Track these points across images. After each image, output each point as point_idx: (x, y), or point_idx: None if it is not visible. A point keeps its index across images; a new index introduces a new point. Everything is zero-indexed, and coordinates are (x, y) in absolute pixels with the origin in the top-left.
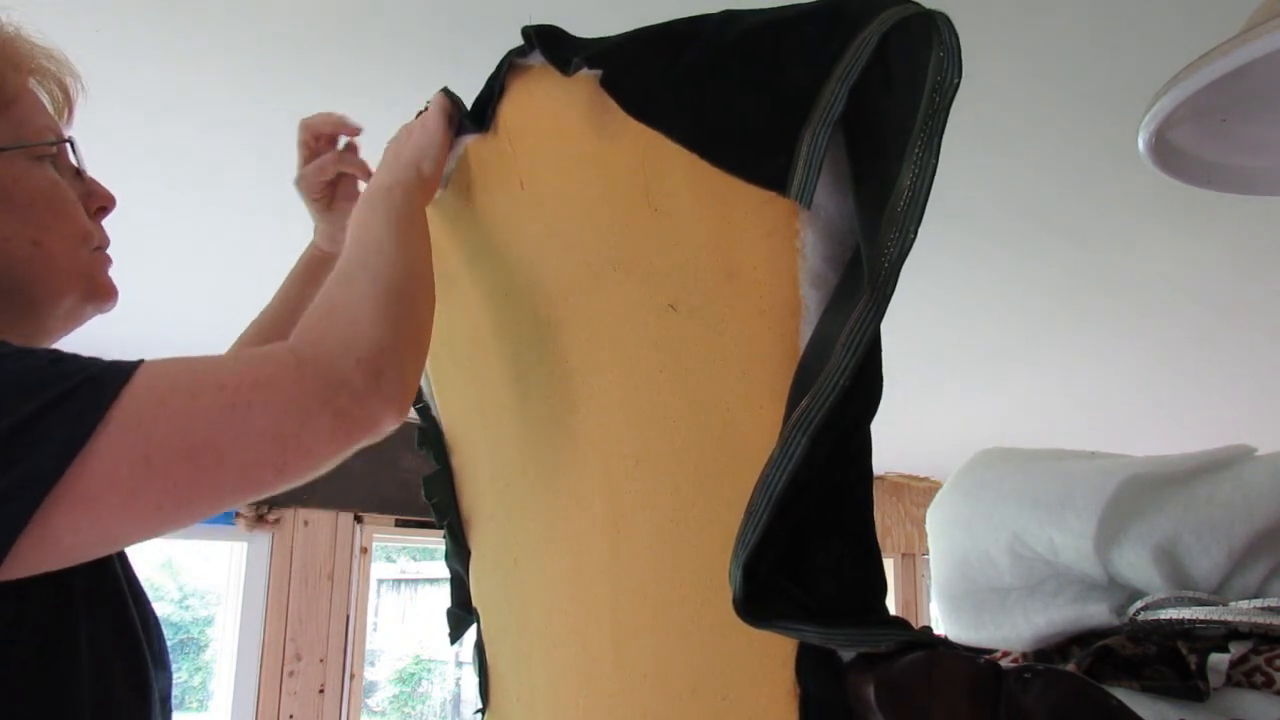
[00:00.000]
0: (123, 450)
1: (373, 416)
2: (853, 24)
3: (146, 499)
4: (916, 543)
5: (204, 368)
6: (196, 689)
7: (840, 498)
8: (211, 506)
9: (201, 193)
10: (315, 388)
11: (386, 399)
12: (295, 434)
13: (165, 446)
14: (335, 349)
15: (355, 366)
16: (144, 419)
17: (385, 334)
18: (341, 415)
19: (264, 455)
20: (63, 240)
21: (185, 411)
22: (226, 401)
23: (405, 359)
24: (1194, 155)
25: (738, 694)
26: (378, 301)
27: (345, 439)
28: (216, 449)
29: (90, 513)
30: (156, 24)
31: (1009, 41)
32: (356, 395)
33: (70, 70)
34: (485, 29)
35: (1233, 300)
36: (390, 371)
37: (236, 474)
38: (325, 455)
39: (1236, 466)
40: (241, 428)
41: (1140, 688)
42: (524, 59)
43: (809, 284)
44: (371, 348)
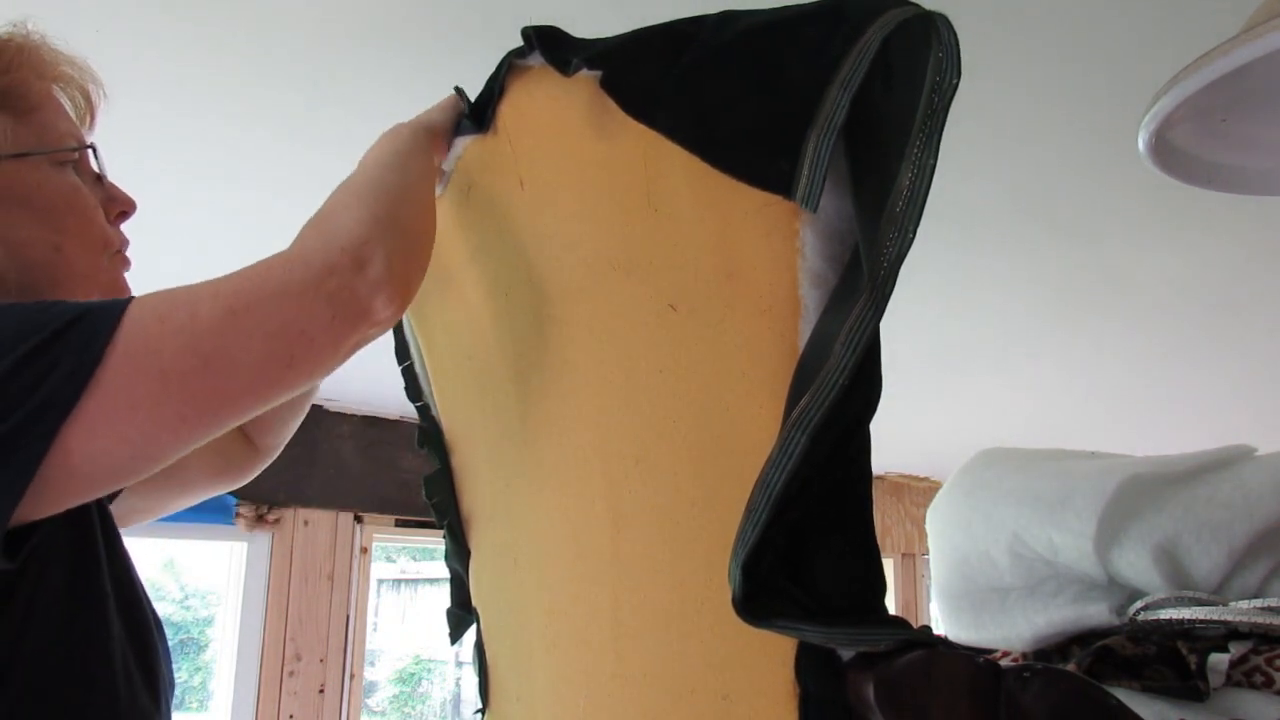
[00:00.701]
0: (136, 368)
1: (363, 299)
2: (854, 26)
3: (169, 411)
4: (916, 543)
5: (196, 287)
6: (196, 689)
7: (840, 497)
8: (234, 412)
9: (217, 185)
10: (303, 277)
11: (374, 282)
12: (296, 325)
13: (178, 359)
14: (319, 243)
15: (339, 254)
16: (150, 337)
17: (367, 226)
18: (333, 299)
19: (272, 351)
20: (83, 245)
21: (189, 324)
22: (224, 307)
23: (391, 248)
24: (1194, 155)
25: (737, 693)
26: (366, 203)
27: (343, 323)
28: (227, 353)
29: (116, 431)
30: (168, 14)
31: (1009, 42)
32: (344, 279)
33: (92, 77)
34: (486, 29)
35: (1233, 300)
36: (375, 257)
37: (251, 374)
38: (328, 344)
39: (1236, 466)
40: (245, 328)
41: (1140, 688)
42: (524, 60)
43: (809, 284)
44: (353, 238)
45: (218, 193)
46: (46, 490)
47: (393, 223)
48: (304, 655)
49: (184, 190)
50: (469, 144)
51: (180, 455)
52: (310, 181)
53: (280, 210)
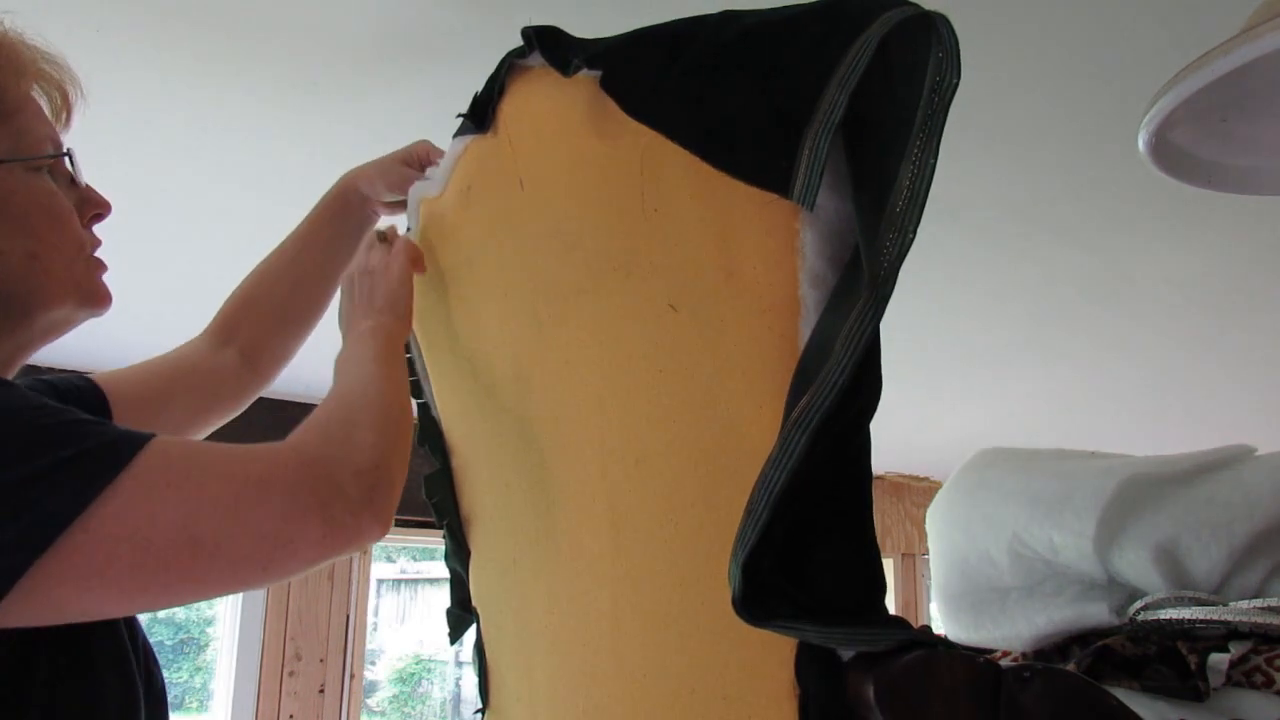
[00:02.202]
0: (125, 525)
1: (360, 529)
2: (853, 26)
3: (137, 579)
4: (916, 543)
5: (213, 457)
6: (197, 689)
7: (840, 497)
8: (193, 596)
9: (206, 197)
10: (313, 493)
11: (375, 514)
12: (288, 535)
13: (167, 531)
14: (335, 457)
15: (353, 478)
16: (151, 499)
17: (380, 453)
18: (332, 523)
19: (256, 552)
20: (58, 252)
21: (192, 499)
22: (231, 495)
23: (394, 478)
24: (1194, 155)
25: (737, 693)
26: (373, 424)
27: (329, 547)
28: (214, 541)
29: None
30: (156, 25)
31: (1008, 42)
32: (350, 506)
33: (70, 76)
34: (485, 30)
35: (1233, 300)
36: (382, 488)
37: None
38: (307, 561)
39: (1236, 466)
40: (241, 523)
41: (1140, 688)
42: (524, 60)
43: (809, 284)
44: (367, 463)
45: (213, 192)
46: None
47: (397, 450)
48: (304, 655)
49: (182, 190)
50: (469, 144)
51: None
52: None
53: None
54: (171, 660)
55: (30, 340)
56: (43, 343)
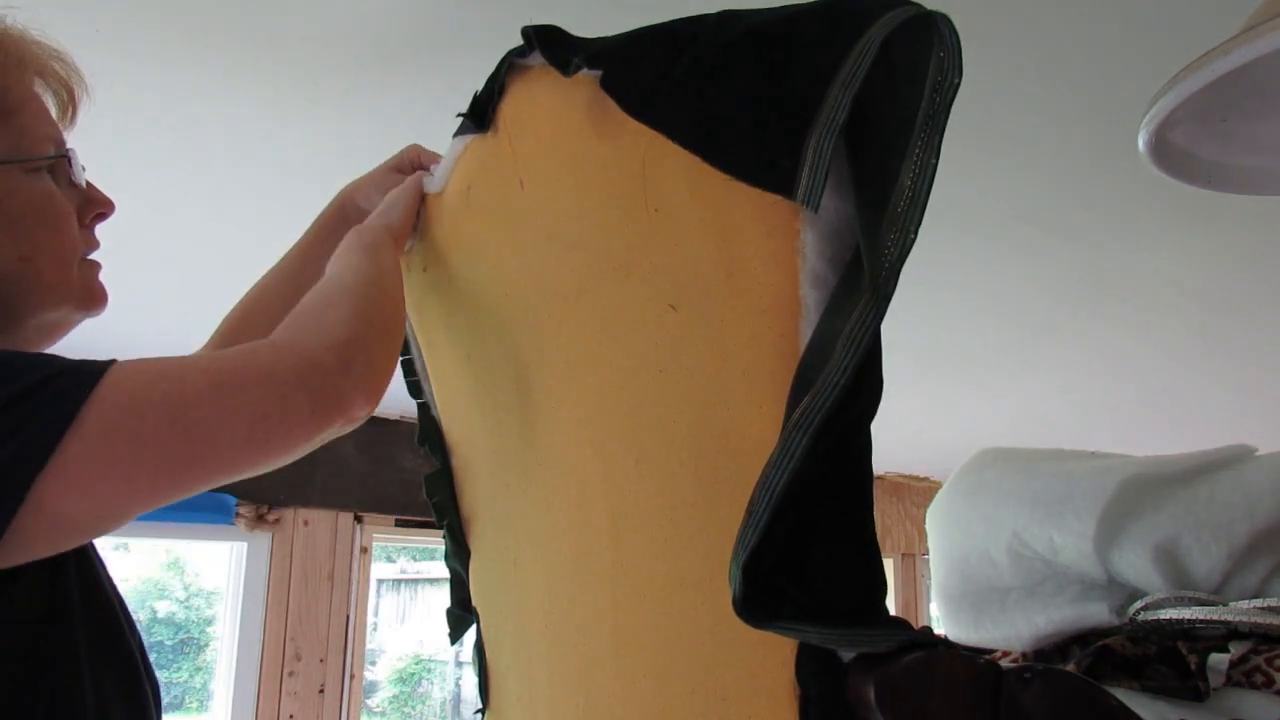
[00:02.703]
0: (115, 427)
1: (344, 397)
2: (855, 26)
3: (142, 474)
4: (916, 543)
5: (185, 358)
6: (197, 689)
7: (841, 498)
8: (202, 483)
9: (206, 193)
10: (290, 367)
11: (356, 381)
12: (277, 410)
13: (159, 427)
14: (307, 337)
15: (325, 351)
16: (132, 399)
17: (352, 327)
18: (316, 393)
19: (250, 431)
20: (52, 257)
21: (175, 393)
22: (212, 383)
23: (373, 350)
24: (1194, 155)
25: (737, 694)
26: (347, 304)
27: (322, 417)
28: (208, 428)
29: (88, 488)
30: (160, 25)
31: (1008, 42)
32: (328, 375)
33: (76, 73)
34: (486, 31)
35: (1233, 300)
36: (359, 357)
37: (227, 451)
38: (303, 434)
39: (1236, 466)
40: (230, 406)
41: (1140, 688)
42: (524, 59)
43: (810, 284)
44: (339, 337)
45: (213, 191)
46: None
47: (374, 324)
48: (304, 655)
49: (182, 189)
50: (469, 143)
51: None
52: (304, 182)
53: (276, 208)
54: (171, 660)
55: (25, 342)
56: (40, 344)
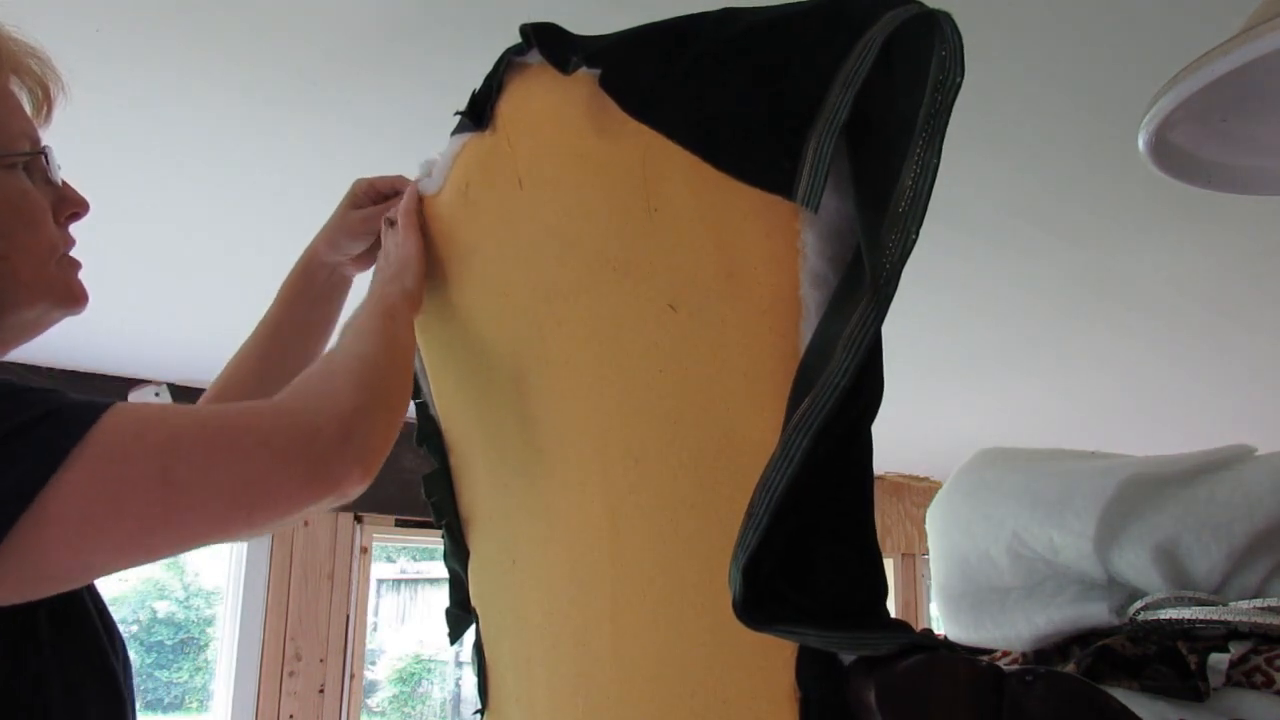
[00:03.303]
0: (99, 477)
1: (341, 471)
2: (856, 25)
3: (119, 530)
4: (916, 543)
5: (182, 410)
6: (197, 689)
7: (841, 500)
8: (179, 545)
9: (204, 192)
10: (290, 435)
11: (355, 457)
12: (268, 479)
13: (142, 481)
14: (311, 403)
15: (328, 420)
16: (122, 450)
17: (358, 399)
18: (313, 465)
19: (236, 498)
20: (28, 255)
21: (163, 447)
22: (205, 440)
23: (376, 424)
24: (1194, 155)
25: (737, 696)
26: (356, 370)
27: (314, 490)
28: (192, 488)
29: (65, 538)
30: (159, 26)
31: (1009, 42)
32: (328, 449)
33: (52, 70)
34: (485, 27)
35: (1232, 300)
36: (360, 432)
37: (208, 514)
38: (292, 506)
39: (1236, 466)
40: (218, 467)
41: (1140, 688)
42: (522, 57)
43: (810, 284)
44: (345, 408)
45: (211, 190)
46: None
47: (381, 397)
48: (304, 655)
49: (181, 188)
50: (467, 142)
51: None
52: (303, 181)
53: (275, 206)
54: (171, 660)
55: (3, 340)
56: (17, 342)
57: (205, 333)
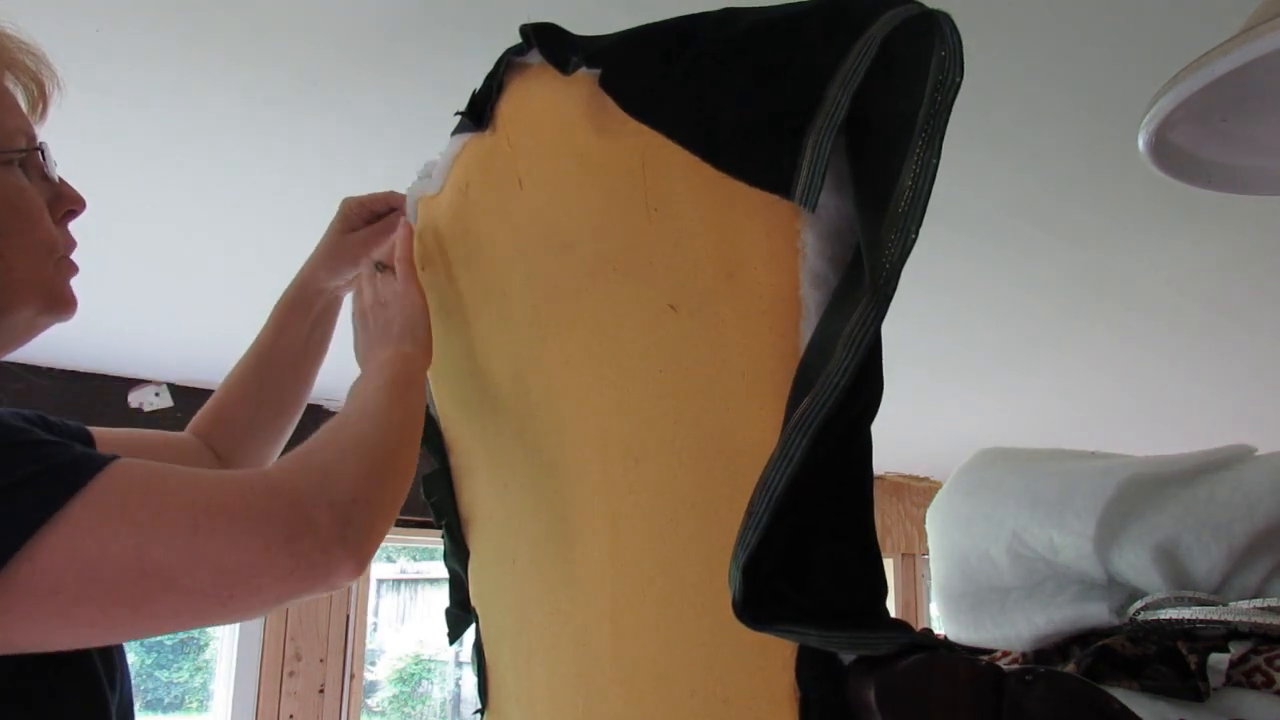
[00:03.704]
0: (72, 555)
1: (331, 566)
2: (855, 25)
3: (84, 610)
4: (916, 543)
5: (175, 482)
6: (197, 689)
7: (841, 499)
8: (145, 631)
9: (204, 193)
10: (280, 524)
11: (349, 550)
12: (250, 570)
13: (118, 561)
14: (309, 488)
15: (326, 510)
16: (103, 526)
17: (361, 484)
18: (301, 558)
19: (214, 587)
20: (24, 252)
21: (146, 527)
22: (190, 523)
23: (375, 514)
24: (1194, 155)
25: (737, 696)
26: (358, 456)
27: (298, 584)
28: (167, 573)
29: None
30: (159, 26)
31: (1008, 42)
32: (320, 541)
33: (47, 66)
34: (486, 27)
35: (1232, 300)
36: (359, 522)
37: (181, 601)
38: (274, 598)
39: (1236, 466)
40: (199, 555)
41: (1140, 688)
42: (522, 57)
43: (810, 284)
44: (345, 495)
45: (211, 189)
46: None
47: (385, 486)
48: (304, 655)
49: (180, 187)
50: (467, 142)
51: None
52: (302, 180)
53: (274, 206)
54: (171, 660)
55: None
56: (8, 348)
57: (205, 333)
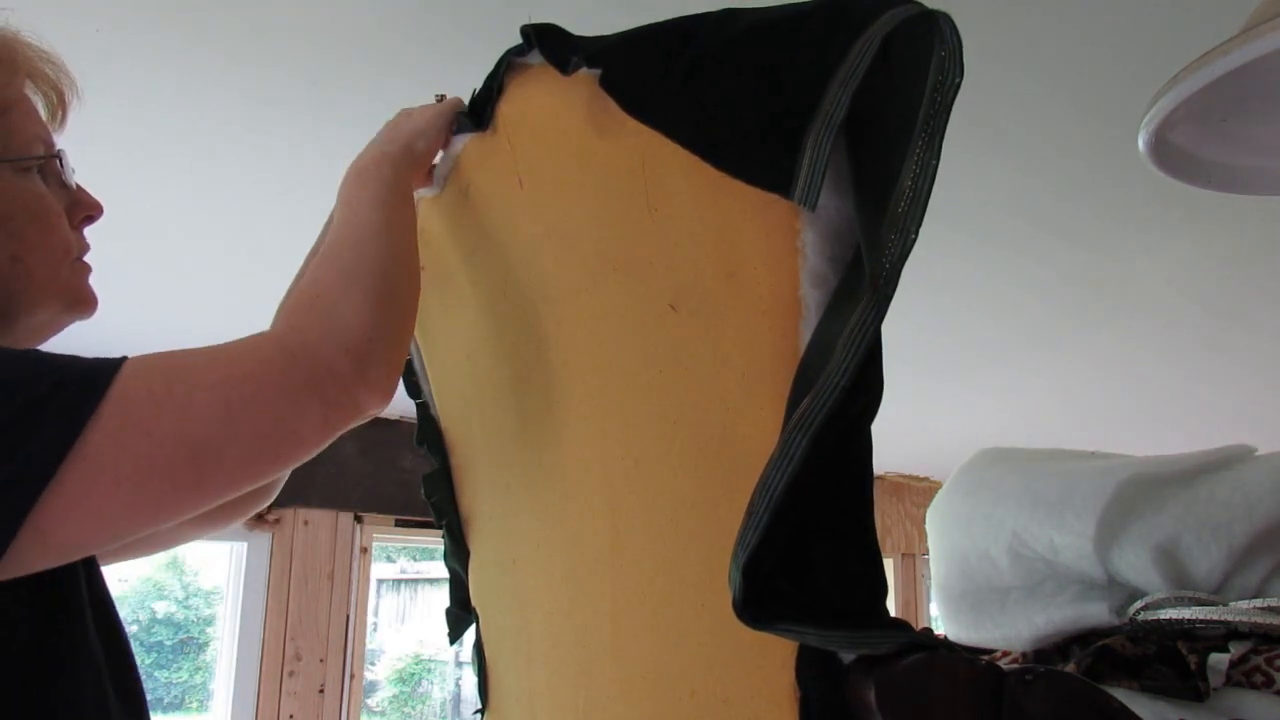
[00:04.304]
0: (122, 447)
1: (359, 402)
2: (855, 25)
3: (148, 494)
4: (916, 543)
5: (192, 365)
6: (197, 689)
7: (841, 499)
8: (211, 500)
9: (204, 193)
10: (303, 379)
11: (372, 386)
12: (288, 425)
13: (165, 445)
14: (320, 338)
15: (342, 355)
16: (141, 416)
17: (369, 322)
18: (330, 403)
19: (260, 448)
20: (43, 256)
21: (182, 410)
22: (221, 400)
23: (390, 344)
24: (1194, 155)
25: (737, 696)
26: (362, 288)
27: (335, 425)
28: (215, 446)
29: (89, 511)
30: (159, 26)
31: (1008, 42)
32: (343, 383)
33: (67, 75)
34: (486, 28)
35: (1232, 300)
36: (375, 358)
37: (235, 467)
38: (316, 441)
39: (1236, 466)
40: (237, 424)
41: (1140, 688)
42: (523, 58)
43: (810, 284)
44: (356, 337)
45: (212, 189)
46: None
47: (392, 311)
48: (304, 655)
49: (181, 187)
50: (468, 142)
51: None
52: (303, 179)
53: (276, 207)
54: (171, 660)
55: (15, 343)
56: (31, 345)
57: (205, 333)
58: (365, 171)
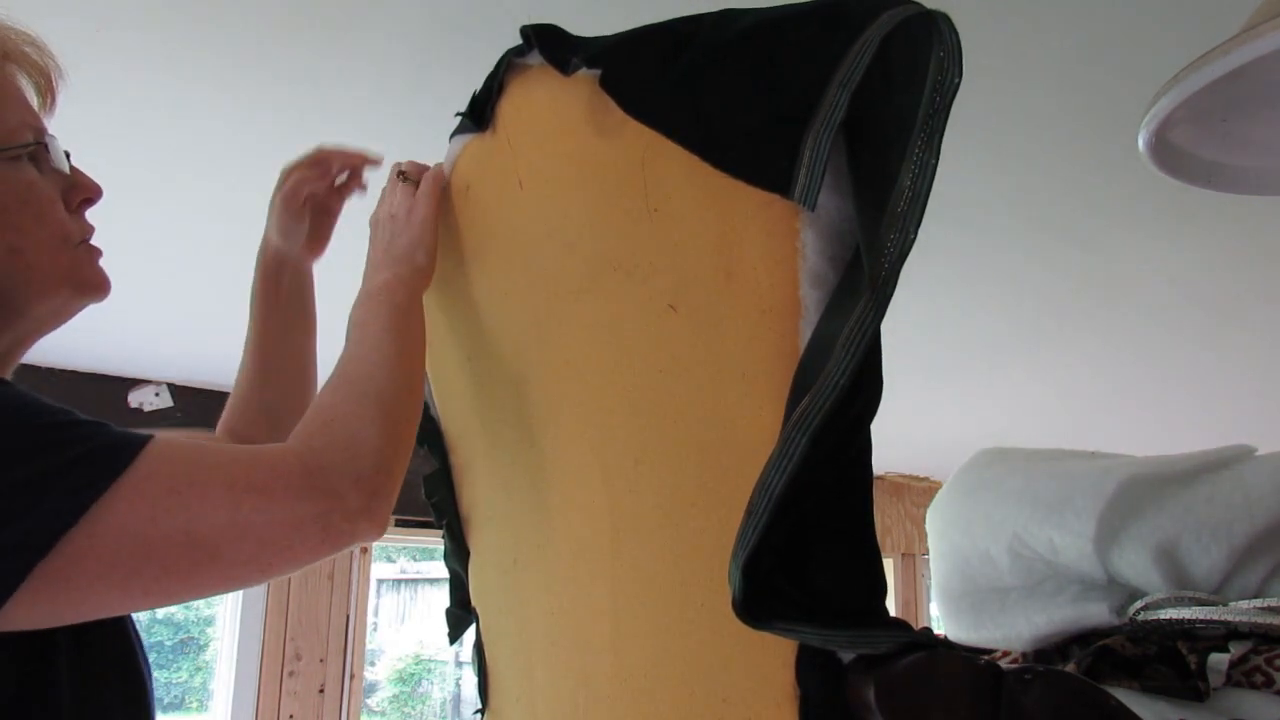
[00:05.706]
0: (127, 529)
1: (358, 532)
2: (854, 25)
3: (139, 581)
4: (916, 543)
5: (215, 461)
6: (197, 689)
7: (840, 498)
8: (193, 596)
9: (204, 195)
10: (313, 502)
11: (373, 518)
12: (287, 542)
13: (168, 536)
14: (337, 464)
15: (354, 485)
16: (153, 502)
17: (384, 454)
18: (331, 530)
19: (254, 557)
20: (41, 245)
21: (193, 505)
22: (232, 502)
23: (395, 478)
24: (1194, 155)
25: (737, 695)
26: (378, 417)
27: (328, 550)
28: (214, 546)
29: (84, 582)
30: (159, 26)
31: (1008, 42)
32: (349, 514)
33: (52, 59)
34: (482, 27)
35: (1232, 301)
36: (383, 491)
37: (225, 570)
38: (307, 561)
39: (1236, 466)
40: (241, 530)
41: (1140, 688)
42: (523, 58)
43: (809, 284)
44: (371, 468)
45: (213, 187)
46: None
47: (401, 445)
48: (304, 655)
49: (182, 185)
50: (468, 143)
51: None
52: None
53: None
54: (171, 660)
55: (28, 332)
56: (43, 332)
57: (205, 333)
58: (376, 296)
